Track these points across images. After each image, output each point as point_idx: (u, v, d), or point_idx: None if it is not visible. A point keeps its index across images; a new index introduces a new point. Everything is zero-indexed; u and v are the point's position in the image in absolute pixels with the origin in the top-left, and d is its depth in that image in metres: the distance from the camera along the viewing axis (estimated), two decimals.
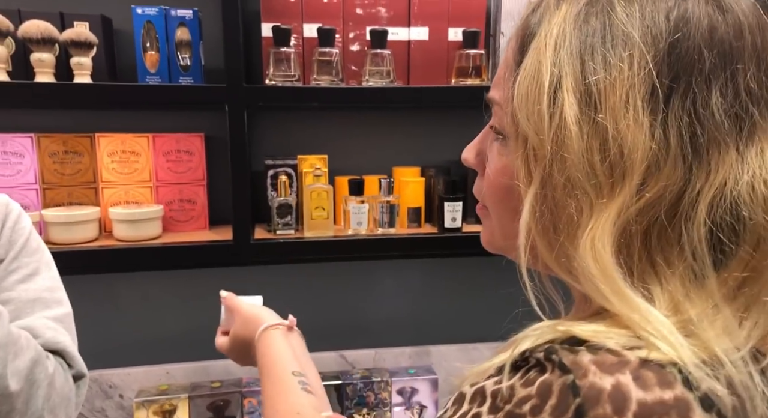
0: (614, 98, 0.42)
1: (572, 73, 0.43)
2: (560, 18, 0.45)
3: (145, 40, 1.26)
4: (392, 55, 1.34)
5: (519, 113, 0.45)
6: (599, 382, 0.38)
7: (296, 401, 0.66)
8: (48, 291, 0.84)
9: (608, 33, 0.43)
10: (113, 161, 1.32)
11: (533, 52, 0.46)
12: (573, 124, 0.42)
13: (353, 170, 1.47)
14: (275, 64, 1.29)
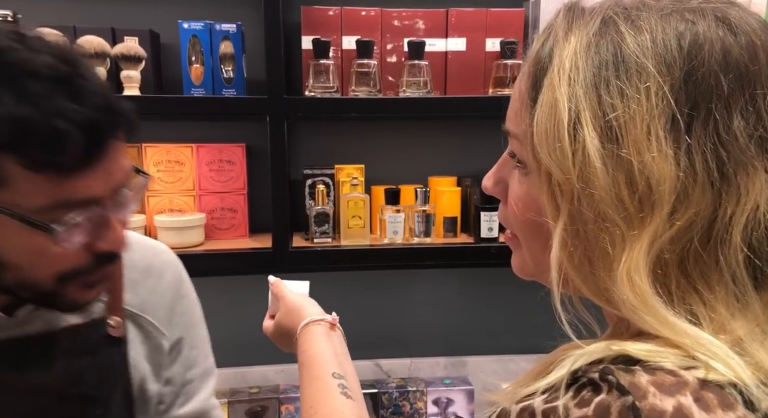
0: (635, 131, 0.42)
1: (590, 108, 0.43)
2: (570, 50, 0.45)
3: (190, 53, 1.31)
4: (429, 66, 1.35)
5: (540, 150, 0.45)
6: (660, 404, 0.38)
7: (336, 407, 0.65)
8: (210, 357, 0.89)
9: (621, 64, 0.43)
10: (159, 171, 1.37)
11: (548, 88, 0.45)
12: (597, 160, 0.42)
13: (390, 180, 1.49)
14: (315, 75, 1.32)
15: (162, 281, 0.80)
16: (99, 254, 0.60)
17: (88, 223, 0.58)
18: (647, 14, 0.44)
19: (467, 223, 1.46)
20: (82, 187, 0.55)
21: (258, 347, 1.59)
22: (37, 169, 0.52)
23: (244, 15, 1.38)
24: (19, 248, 0.57)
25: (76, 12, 1.35)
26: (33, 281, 0.59)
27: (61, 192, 0.54)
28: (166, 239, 1.32)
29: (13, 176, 0.53)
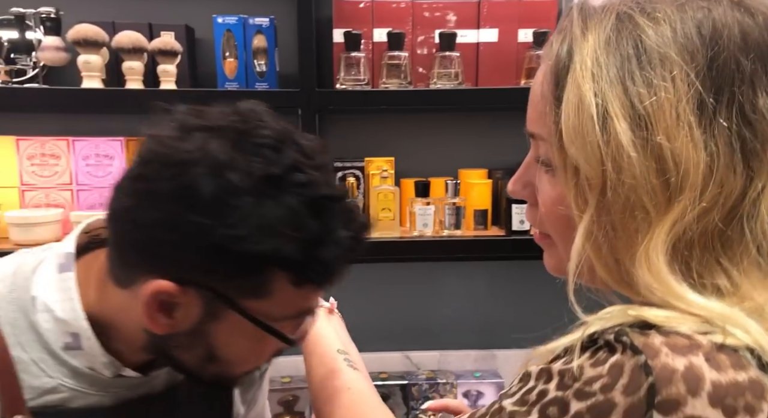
0: (666, 118, 0.43)
1: (618, 99, 0.44)
2: (590, 48, 0.46)
3: (224, 47, 1.33)
4: (461, 57, 1.34)
5: (570, 147, 0.46)
6: (671, 362, 0.39)
7: (345, 377, 0.67)
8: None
9: (644, 55, 0.44)
10: None
11: (572, 86, 0.46)
12: (630, 149, 0.43)
13: (420, 172, 1.49)
14: (346, 68, 1.32)
15: None
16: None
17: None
18: (662, 5, 0.45)
19: (498, 215, 1.45)
20: (315, 297, 0.59)
21: None
22: (300, 286, 0.54)
23: (277, 9, 1.39)
24: (244, 350, 0.58)
25: (114, 8, 1.38)
26: (228, 374, 0.60)
27: (304, 304, 0.57)
28: None
29: (277, 290, 0.54)
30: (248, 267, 0.52)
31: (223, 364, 0.58)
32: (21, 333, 0.57)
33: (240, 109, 0.56)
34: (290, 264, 0.52)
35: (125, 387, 0.62)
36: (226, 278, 0.53)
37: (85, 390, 0.59)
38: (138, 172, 0.53)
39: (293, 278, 0.53)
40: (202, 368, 0.59)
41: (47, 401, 0.57)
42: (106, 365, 0.59)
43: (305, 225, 0.51)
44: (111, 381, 0.60)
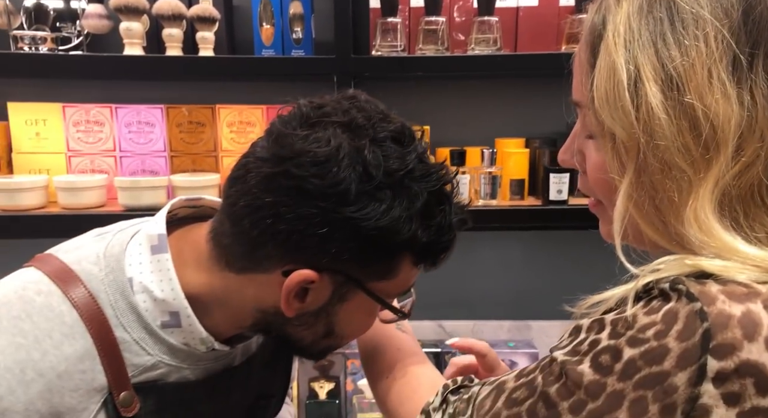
0: (696, 77, 0.43)
1: (649, 63, 0.45)
2: (623, 15, 0.47)
3: (261, 15, 1.33)
4: (500, 22, 1.31)
5: (602, 113, 0.47)
6: (728, 309, 0.39)
7: (394, 336, 0.70)
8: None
9: (676, 17, 0.44)
10: (231, 131, 1.42)
11: (604, 54, 0.47)
12: (661, 111, 0.44)
13: (456, 141, 1.47)
14: (382, 34, 1.31)
15: None
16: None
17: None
18: None
19: (535, 185, 1.43)
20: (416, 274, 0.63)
21: None
22: (418, 266, 0.61)
23: None
24: (360, 325, 0.64)
25: None
26: (339, 346, 0.65)
27: (413, 280, 0.63)
28: None
29: (401, 270, 0.60)
30: (387, 254, 0.58)
31: (338, 338, 0.64)
32: (122, 314, 0.59)
33: (356, 102, 0.61)
34: (419, 249, 0.58)
35: (212, 360, 0.65)
36: (364, 265, 0.58)
37: (179, 365, 0.61)
38: (279, 170, 0.55)
39: (415, 259, 0.60)
40: (317, 343, 0.63)
41: (147, 377, 0.59)
42: (203, 340, 0.62)
43: (433, 213, 0.58)
44: (202, 355, 0.63)
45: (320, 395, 1.53)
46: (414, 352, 0.69)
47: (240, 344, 0.68)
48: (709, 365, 0.38)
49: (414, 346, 0.70)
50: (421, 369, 0.65)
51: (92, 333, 0.56)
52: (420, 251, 0.59)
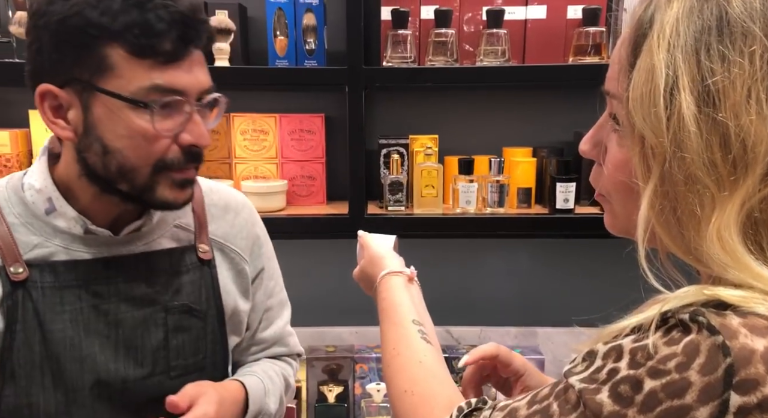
0: (735, 95, 0.42)
1: (689, 72, 0.43)
2: (672, 15, 0.45)
3: (275, 26, 1.37)
4: (508, 34, 1.34)
5: (635, 115, 0.46)
6: (751, 343, 0.39)
7: (418, 349, 0.68)
8: (283, 289, 1.00)
9: (725, 28, 0.43)
10: (245, 139, 1.45)
11: (646, 54, 0.46)
12: (692, 124, 0.42)
13: (465, 150, 1.50)
14: (392, 45, 1.34)
15: (239, 217, 0.90)
16: (184, 146, 0.71)
17: (175, 111, 0.69)
18: None
19: (542, 194, 1.45)
20: (171, 77, 0.67)
21: (334, 308, 1.67)
22: (138, 55, 0.66)
23: None
24: (122, 131, 0.69)
25: None
26: (132, 168, 0.70)
27: (155, 78, 0.67)
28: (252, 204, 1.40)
29: (118, 63, 0.66)
30: (91, 46, 0.65)
31: (116, 154, 0.69)
32: (13, 206, 0.75)
33: None
34: (126, 38, 0.65)
35: (101, 245, 0.76)
36: (78, 63, 0.66)
37: (66, 246, 0.75)
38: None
39: (125, 47, 0.65)
40: (107, 166, 0.70)
41: (37, 254, 0.74)
42: (76, 220, 0.74)
43: (118, 7, 0.65)
44: (84, 238, 0.75)
45: (329, 398, 1.55)
46: (435, 369, 0.67)
47: (128, 231, 0.78)
48: (732, 400, 0.38)
49: (436, 359, 0.68)
50: (440, 388, 0.64)
51: None
52: (132, 41, 0.65)
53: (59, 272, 0.74)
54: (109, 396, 0.76)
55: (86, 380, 0.75)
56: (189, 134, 0.70)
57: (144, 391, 0.78)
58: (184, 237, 0.83)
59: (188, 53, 0.68)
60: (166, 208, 0.75)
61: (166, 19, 0.65)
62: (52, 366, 0.74)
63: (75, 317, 0.75)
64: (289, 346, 0.99)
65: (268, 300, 0.95)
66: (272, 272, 0.96)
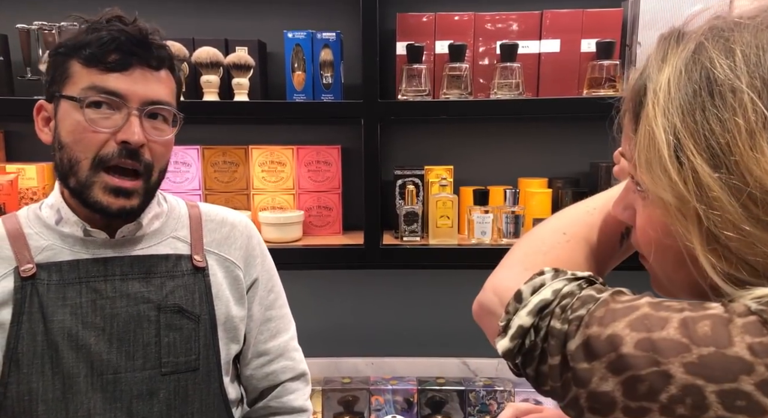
0: (739, 149, 0.43)
1: (689, 135, 0.44)
2: (664, 81, 0.46)
3: (293, 61, 1.41)
4: (522, 67, 1.36)
5: (645, 179, 0.47)
6: None
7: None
8: (287, 308, 1.04)
9: (714, 88, 0.44)
10: (263, 171, 1.48)
11: (644, 121, 0.47)
12: (714, 187, 0.43)
13: (479, 181, 1.51)
14: (408, 79, 1.37)
15: (235, 230, 0.97)
16: (120, 142, 0.79)
17: (115, 112, 0.79)
18: (740, 34, 0.45)
19: None
20: (111, 82, 0.79)
21: (350, 338, 1.67)
22: (88, 65, 0.79)
23: (344, 23, 1.45)
24: (68, 126, 0.80)
25: (194, 25, 1.49)
26: (76, 160, 0.80)
27: (96, 81, 0.79)
28: (269, 234, 1.42)
29: (75, 72, 0.79)
30: (58, 62, 0.80)
31: (65, 148, 0.80)
32: (30, 220, 0.87)
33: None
34: (74, 50, 0.79)
35: (100, 246, 0.85)
36: (54, 79, 0.81)
37: (70, 248, 0.85)
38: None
39: (81, 60, 0.79)
40: (61, 160, 0.81)
41: (46, 256, 0.84)
42: (77, 223, 0.84)
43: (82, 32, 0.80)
44: (85, 240, 0.85)
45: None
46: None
47: (121, 235, 0.86)
48: None
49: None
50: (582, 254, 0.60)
51: (6, 229, 0.85)
52: (83, 54, 0.78)
53: (64, 271, 0.83)
54: (102, 386, 0.82)
55: (81, 368, 0.81)
56: (123, 132, 0.79)
57: (135, 383, 0.84)
58: (181, 247, 0.91)
59: (133, 66, 0.79)
60: (101, 211, 0.82)
61: (113, 37, 0.78)
62: (52, 355, 0.81)
63: (75, 310, 0.82)
64: (295, 360, 1.02)
65: (267, 311, 0.99)
66: (270, 286, 1.00)
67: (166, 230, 0.91)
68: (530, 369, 0.50)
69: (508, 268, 0.59)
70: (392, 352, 1.66)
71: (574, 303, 0.48)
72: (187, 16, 1.50)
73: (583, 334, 0.46)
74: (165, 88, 0.83)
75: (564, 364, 0.47)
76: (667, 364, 0.41)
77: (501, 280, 0.57)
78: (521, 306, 0.51)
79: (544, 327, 0.49)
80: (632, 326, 0.44)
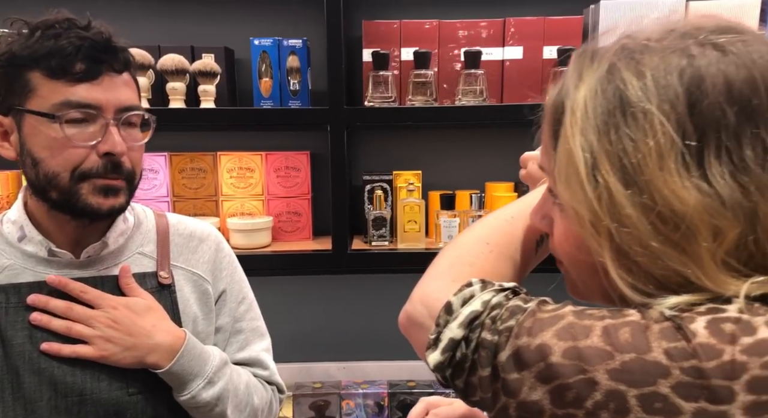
0: (649, 169, 0.44)
1: (605, 153, 0.46)
2: (580, 99, 0.47)
3: (260, 67, 1.41)
4: (486, 74, 1.38)
5: (564, 194, 0.49)
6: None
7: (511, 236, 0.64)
8: (260, 321, 1.02)
9: (627, 108, 0.46)
10: (231, 177, 1.48)
11: (563, 138, 0.49)
12: (627, 206, 0.45)
13: (447, 185, 1.53)
14: (374, 86, 1.38)
15: (203, 244, 0.95)
16: (102, 155, 0.78)
17: (90, 123, 0.77)
18: (650, 56, 0.47)
19: None
20: (83, 93, 0.76)
21: (321, 344, 1.67)
22: (53, 77, 0.75)
23: (310, 30, 1.46)
24: (43, 142, 0.77)
25: (160, 32, 1.48)
26: (54, 174, 0.77)
27: (68, 95, 0.75)
28: (237, 240, 1.42)
29: (38, 85, 0.76)
30: (17, 76, 0.76)
31: (41, 163, 0.77)
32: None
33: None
34: (32, 61, 0.75)
35: (64, 267, 0.83)
36: (10, 91, 0.77)
37: (32, 268, 0.82)
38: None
39: (43, 72, 0.75)
40: (36, 176, 0.78)
41: (6, 276, 0.81)
42: (41, 242, 0.82)
43: (38, 38, 0.76)
44: (49, 260, 0.83)
45: None
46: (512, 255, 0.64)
47: (87, 255, 0.84)
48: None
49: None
50: (505, 266, 0.62)
51: None
52: (47, 65, 0.75)
53: (23, 293, 0.81)
54: (67, 408, 0.80)
55: (44, 392, 0.79)
56: (104, 144, 0.77)
57: (101, 405, 0.81)
58: (147, 263, 0.89)
59: (102, 73, 0.77)
60: (92, 214, 0.80)
61: (77, 44, 0.75)
62: (12, 379, 0.79)
63: (33, 334, 0.80)
64: (270, 370, 1.00)
65: (237, 323, 0.97)
66: (241, 298, 0.98)
67: (132, 245, 0.88)
68: (459, 381, 0.50)
69: (436, 279, 0.59)
70: (363, 356, 1.67)
71: (503, 314, 0.49)
72: (153, 23, 1.49)
73: (513, 345, 0.47)
74: (132, 91, 0.82)
75: (494, 375, 0.47)
76: (593, 371, 0.43)
77: (429, 291, 0.57)
78: (452, 318, 0.51)
79: (474, 339, 0.49)
80: (559, 336, 0.45)
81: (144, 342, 0.81)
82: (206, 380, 0.85)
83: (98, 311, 0.81)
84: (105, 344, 0.80)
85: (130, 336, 0.81)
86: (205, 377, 0.85)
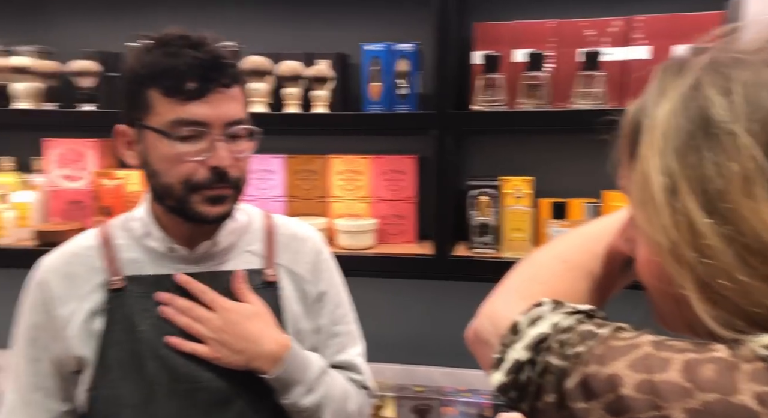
0: (734, 196, 0.41)
1: (684, 177, 0.42)
2: (660, 118, 0.44)
3: (371, 72, 1.43)
4: (606, 76, 1.29)
5: (639, 217, 0.45)
6: None
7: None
8: (355, 325, 1.05)
9: (711, 129, 0.42)
10: (340, 179, 1.52)
11: (640, 160, 0.45)
12: (707, 230, 0.41)
13: (561, 193, 1.45)
14: (483, 89, 1.35)
15: (305, 245, 0.99)
16: (210, 168, 0.83)
17: (199, 139, 0.82)
18: (740, 71, 0.42)
19: None
20: (194, 110, 0.81)
21: (425, 347, 1.67)
22: (169, 95, 0.81)
23: (422, 33, 1.45)
24: (159, 156, 0.84)
25: (279, 40, 1.56)
26: (168, 184, 0.84)
27: (180, 113, 0.81)
28: (343, 241, 1.46)
29: (155, 103, 0.82)
30: (139, 93, 0.83)
31: (158, 175, 0.84)
32: (120, 232, 0.93)
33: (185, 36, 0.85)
34: (161, 83, 0.81)
35: (181, 262, 0.90)
36: (134, 106, 0.84)
37: (154, 261, 0.90)
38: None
39: (160, 90, 0.81)
40: (156, 185, 0.86)
41: (133, 269, 0.90)
42: (162, 239, 0.90)
43: (156, 56, 0.82)
44: (169, 255, 0.90)
45: None
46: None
47: (201, 249, 0.91)
48: None
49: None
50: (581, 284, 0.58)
51: (100, 238, 0.92)
52: (163, 84, 0.81)
53: (147, 284, 0.89)
54: (183, 393, 0.86)
55: (163, 376, 0.86)
56: (213, 158, 0.83)
57: (213, 392, 0.87)
58: (254, 261, 0.94)
59: (211, 91, 0.81)
60: (201, 220, 0.86)
61: (190, 64, 0.80)
62: (137, 363, 0.86)
63: (156, 322, 0.87)
64: (364, 374, 1.02)
65: (335, 326, 1.00)
66: (338, 301, 1.01)
67: (241, 244, 0.94)
68: (525, 404, 0.48)
69: (506, 295, 0.57)
70: (467, 364, 1.64)
71: (572, 338, 0.46)
72: (272, 32, 1.57)
73: (582, 372, 0.43)
74: (239, 104, 0.85)
75: (560, 402, 0.45)
76: (669, 408, 0.39)
77: (498, 308, 0.55)
78: (517, 339, 0.49)
79: (540, 362, 0.46)
80: (633, 366, 0.41)
81: (252, 348, 0.86)
82: (307, 387, 0.89)
83: (214, 314, 0.87)
84: (219, 346, 0.86)
85: (239, 340, 0.86)
86: (306, 385, 0.89)
